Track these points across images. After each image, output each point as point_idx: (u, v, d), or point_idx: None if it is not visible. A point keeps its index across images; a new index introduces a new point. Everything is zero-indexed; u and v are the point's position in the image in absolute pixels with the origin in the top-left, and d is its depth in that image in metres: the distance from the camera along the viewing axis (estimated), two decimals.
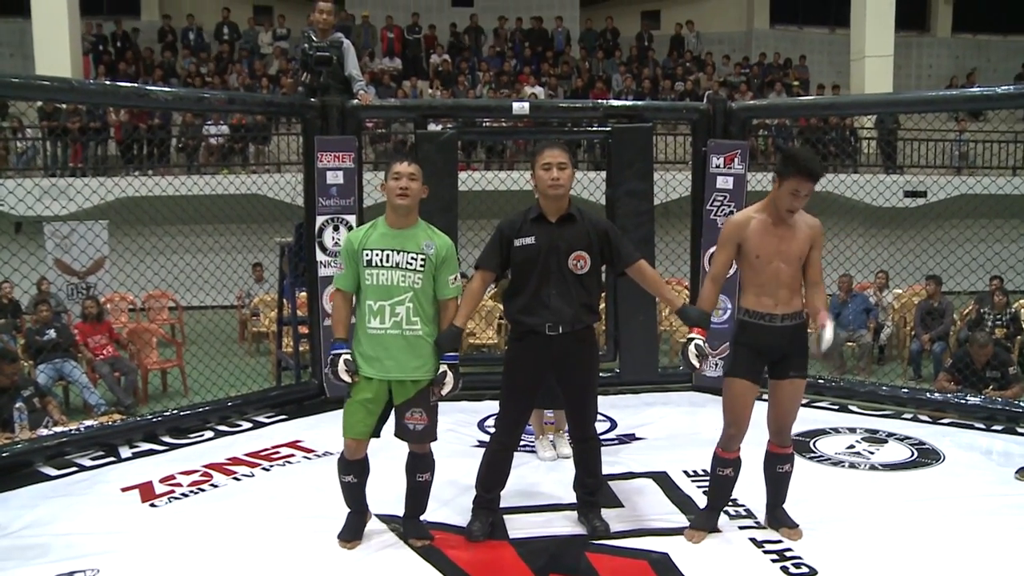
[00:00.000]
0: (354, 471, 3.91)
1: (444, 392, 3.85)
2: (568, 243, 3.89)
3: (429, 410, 3.87)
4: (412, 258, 3.78)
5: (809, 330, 3.94)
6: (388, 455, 4.05)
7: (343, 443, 3.90)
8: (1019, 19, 20.18)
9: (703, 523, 4.10)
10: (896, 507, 4.42)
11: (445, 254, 3.86)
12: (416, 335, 3.79)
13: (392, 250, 3.78)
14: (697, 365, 3.87)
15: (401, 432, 3.88)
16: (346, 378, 3.77)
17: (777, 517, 4.12)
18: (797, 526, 4.06)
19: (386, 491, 4.15)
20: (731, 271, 4.88)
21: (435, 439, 3.95)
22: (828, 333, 3.76)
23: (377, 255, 3.77)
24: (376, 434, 3.88)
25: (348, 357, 3.77)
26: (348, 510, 4.00)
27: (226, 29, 17.29)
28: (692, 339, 3.86)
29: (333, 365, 3.78)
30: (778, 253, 3.83)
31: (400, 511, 4.10)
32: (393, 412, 3.88)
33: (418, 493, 4.03)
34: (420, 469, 3.98)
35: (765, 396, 4.00)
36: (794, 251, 3.85)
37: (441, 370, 3.83)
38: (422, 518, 4.10)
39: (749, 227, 3.87)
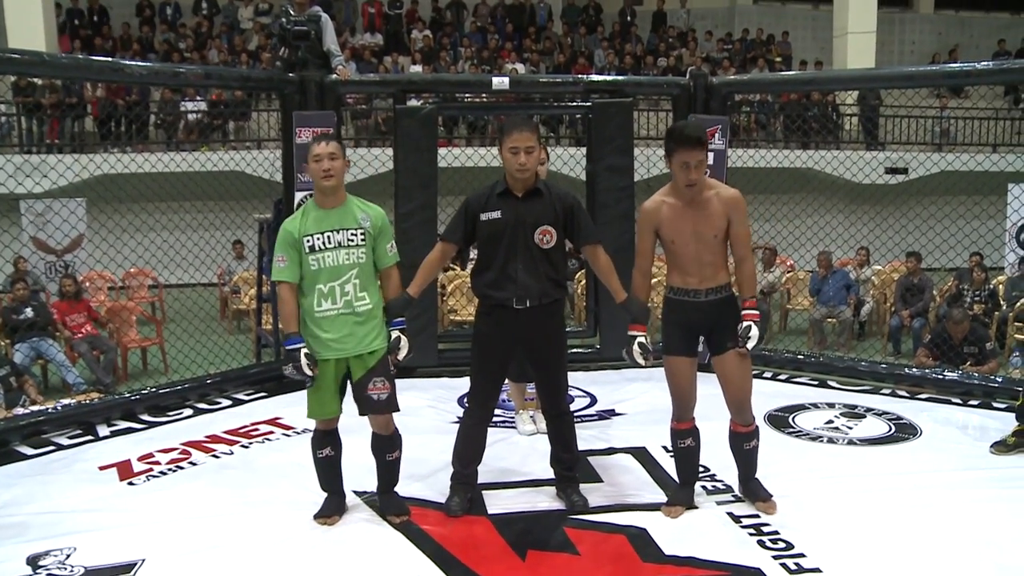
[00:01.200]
0: (330, 443, 3.94)
1: (400, 357, 3.88)
2: (535, 217, 3.89)
3: (390, 378, 3.89)
4: (353, 234, 3.79)
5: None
6: (360, 434, 4.04)
7: (316, 421, 3.93)
8: None
9: (679, 498, 4.13)
10: (873, 482, 4.45)
11: (381, 224, 3.88)
12: (367, 308, 3.81)
13: (332, 231, 3.77)
14: (642, 363, 3.92)
15: (365, 405, 3.88)
16: (309, 372, 3.74)
17: (751, 489, 4.15)
18: (771, 497, 4.09)
19: (360, 467, 4.15)
20: None
21: (398, 408, 3.96)
22: (754, 331, 3.82)
23: (318, 239, 3.76)
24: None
25: (307, 351, 3.75)
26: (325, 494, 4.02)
27: (204, 4, 17.05)
28: (635, 337, 3.92)
29: (294, 360, 3.73)
30: (694, 235, 3.83)
31: (373, 486, 4.12)
32: (352, 389, 3.89)
33: (389, 470, 4.05)
34: (388, 449, 4.00)
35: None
36: (709, 230, 3.83)
37: (395, 336, 3.86)
38: (397, 491, 4.12)
39: (661, 213, 3.87)
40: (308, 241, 3.75)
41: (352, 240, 3.79)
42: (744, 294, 3.94)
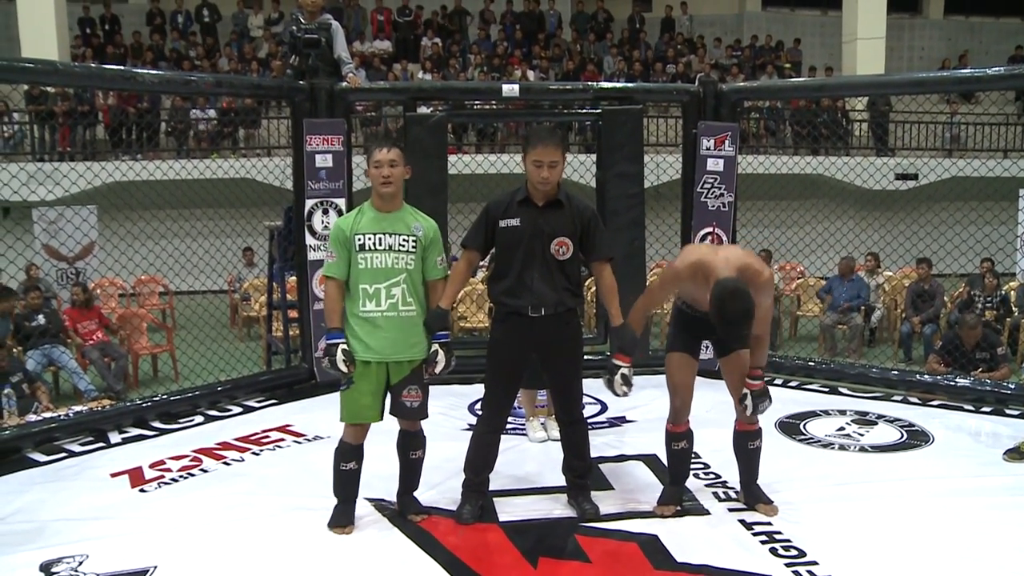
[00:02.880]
0: (356, 457, 3.94)
1: (437, 371, 3.90)
2: (552, 228, 3.88)
3: (423, 387, 3.94)
4: (404, 239, 3.83)
5: None
6: (371, 442, 4.05)
7: (345, 430, 3.92)
8: (1011, 1, 20.17)
9: (670, 497, 4.16)
10: (885, 489, 4.43)
11: (432, 236, 3.92)
12: (411, 315, 3.84)
13: (384, 233, 3.81)
14: (622, 394, 3.94)
15: (398, 410, 3.93)
16: (344, 368, 3.76)
17: (753, 493, 4.15)
18: (772, 502, 4.10)
19: (372, 475, 4.15)
20: None
21: (427, 416, 4.02)
22: (749, 401, 3.91)
23: (370, 239, 3.80)
24: (381, 416, 3.91)
25: (346, 347, 3.78)
26: (336, 501, 4.01)
27: (206, 11, 17.13)
28: (619, 367, 3.93)
29: (331, 355, 3.77)
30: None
31: (386, 495, 4.15)
32: (389, 392, 3.92)
33: (412, 469, 4.08)
34: (413, 447, 4.04)
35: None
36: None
37: (433, 349, 3.88)
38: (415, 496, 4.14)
39: (694, 281, 3.85)
40: (359, 239, 3.79)
41: (403, 246, 3.83)
42: (752, 362, 3.95)
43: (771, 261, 10.14)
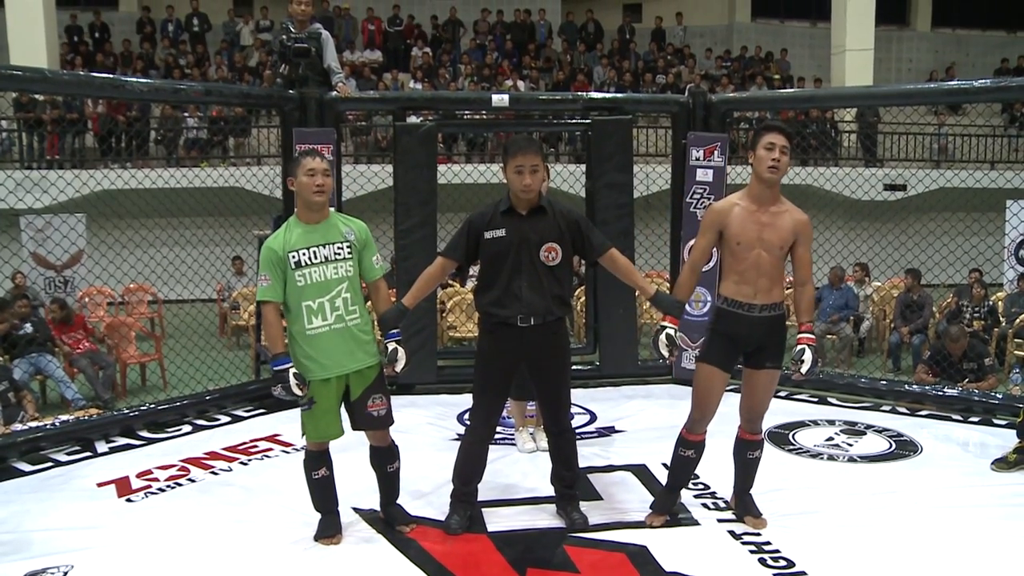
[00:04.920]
0: (325, 463, 3.91)
1: (398, 368, 3.86)
2: (539, 235, 3.88)
3: (386, 393, 3.91)
4: (339, 248, 3.79)
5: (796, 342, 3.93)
6: (356, 451, 4.03)
7: (308, 445, 3.90)
8: (998, 14, 20.38)
9: (662, 505, 4.14)
10: (874, 499, 4.44)
11: (365, 237, 3.89)
12: (356, 323, 3.80)
13: (318, 246, 3.76)
14: (667, 355, 3.86)
15: (363, 422, 3.88)
16: (299, 392, 3.69)
17: (744, 504, 4.15)
18: (761, 515, 4.09)
19: (358, 484, 4.15)
20: (710, 263, 4.88)
21: (393, 422, 3.96)
22: (808, 355, 3.84)
23: (304, 254, 3.73)
24: (343, 430, 3.89)
25: (296, 370, 3.72)
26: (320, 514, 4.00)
27: (196, 20, 17.12)
28: (664, 327, 3.86)
29: (283, 381, 3.68)
30: (760, 240, 3.81)
31: (374, 506, 4.15)
32: (347, 406, 3.88)
33: (390, 481, 4.06)
34: (388, 460, 4.01)
35: (736, 385, 4.01)
36: (776, 240, 3.83)
37: (392, 347, 3.85)
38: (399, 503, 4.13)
39: (732, 213, 3.84)
40: (293, 256, 3.72)
41: (339, 254, 3.78)
42: (801, 318, 3.96)
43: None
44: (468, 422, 4.23)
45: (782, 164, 3.75)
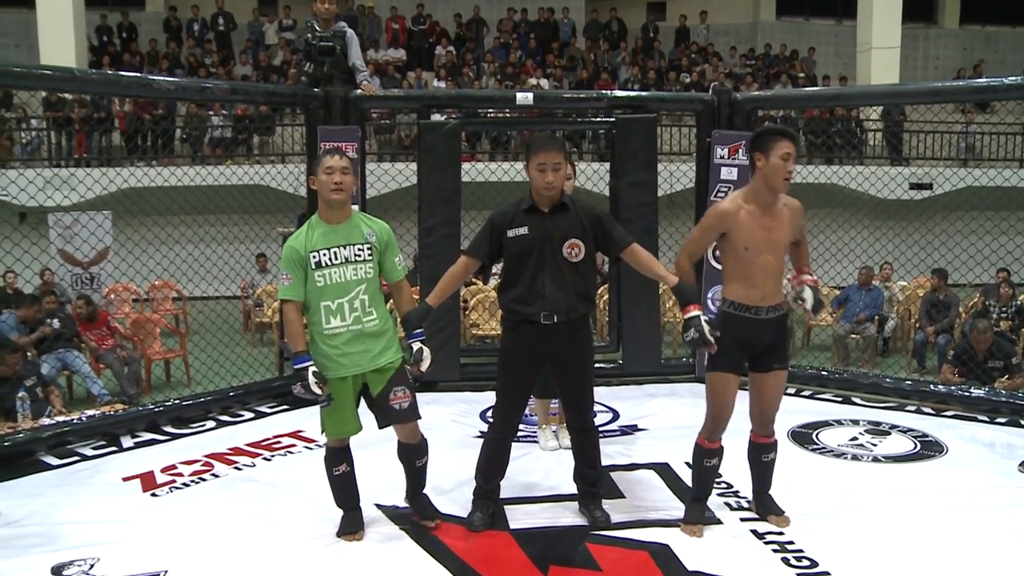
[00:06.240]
0: (345, 459, 3.93)
1: (423, 368, 3.85)
2: (562, 232, 3.87)
3: (409, 386, 3.89)
4: (360, 249, 3.78)
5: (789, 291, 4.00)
6: (379, 447, 4.04)
7: (328, 438, 3.92)
8: None
9: (696, 516, 4.07)
10: (898, 499, 4.40)
11: (387, 238, 3.88)
12: (374, 325, 3.80)
13: (339, 246, 3.76)
14: (712, 340, 3.75)
15: (388, 417, 3.87)
16: (318, 390, 3.70)
17: (764, 504, 4.13)
18: (783, 512, 4.07)
19: (381, 480, 4.15)
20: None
21: (420, 416, 3.96)
22: (807, 292, 3.90)
23: (325, 255, 3.74)
24: (361, 425, 3.91)
25: (315, 369, 3.72)
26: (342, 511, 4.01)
27: (221, 19, 17.24)
28: (698, 316, 3.74)
29: (302, 379, 3.69)
30: (767, 243, 3.79)
31: (397, 503, 4.17)
32: (371, 404, 3.88)
33: (418, 475, 4.06)
34: (417, 456, 4.01)
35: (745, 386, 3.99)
36: (781, 241, 3.83)
37: (417, 347, 3.84)
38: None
39: (738, 217, 3.80)
40: (314, 257, 3.73)
41: (359, 255, 3.78)
42: (801, 265, 4.05)
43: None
44: (491, 420, 4.23)
45: (792, 174, 3.76)
